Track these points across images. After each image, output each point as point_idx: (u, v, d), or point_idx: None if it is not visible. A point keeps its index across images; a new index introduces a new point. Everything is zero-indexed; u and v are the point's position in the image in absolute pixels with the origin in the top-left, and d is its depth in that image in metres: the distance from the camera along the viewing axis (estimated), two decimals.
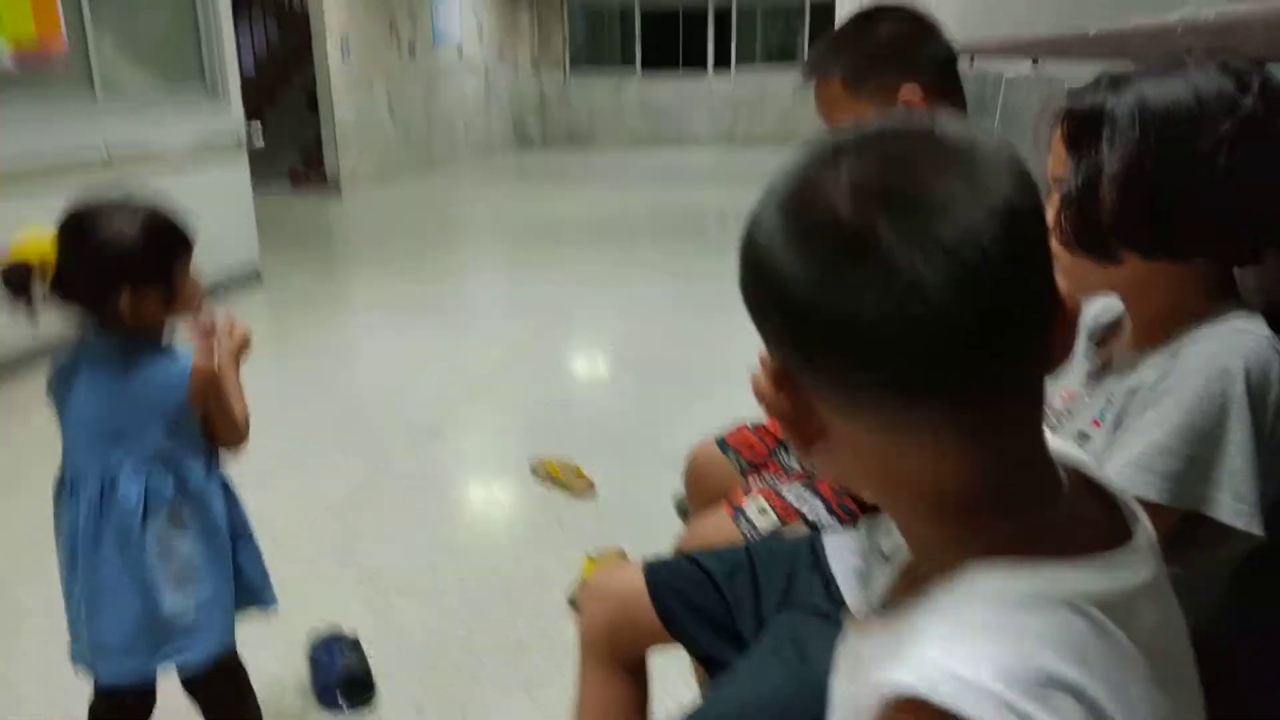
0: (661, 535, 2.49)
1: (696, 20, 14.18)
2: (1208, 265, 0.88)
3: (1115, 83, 0.87)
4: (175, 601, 1.39)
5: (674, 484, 2.79)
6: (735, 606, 1.20)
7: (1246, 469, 0.77)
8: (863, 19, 1.42)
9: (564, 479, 2.86)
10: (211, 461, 1.48)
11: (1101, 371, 0.97)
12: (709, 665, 1.21)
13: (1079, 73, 2.00)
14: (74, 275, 1.33)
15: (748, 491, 1.49)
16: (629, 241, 6.85)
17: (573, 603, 2.23)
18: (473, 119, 12.89)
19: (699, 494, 1.76)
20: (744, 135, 14.01)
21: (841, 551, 1.20)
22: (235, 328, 1.47)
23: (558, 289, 5.44)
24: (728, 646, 1.18)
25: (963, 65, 3.44)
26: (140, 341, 1.39)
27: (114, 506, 1.36)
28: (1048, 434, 0.60)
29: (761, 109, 14.01)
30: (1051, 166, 0.92)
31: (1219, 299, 0.88)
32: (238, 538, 1.51)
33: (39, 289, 1.32)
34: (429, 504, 2.81)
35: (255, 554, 1.55)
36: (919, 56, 1.40)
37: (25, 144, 4.05)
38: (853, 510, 1.39)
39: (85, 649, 1.43)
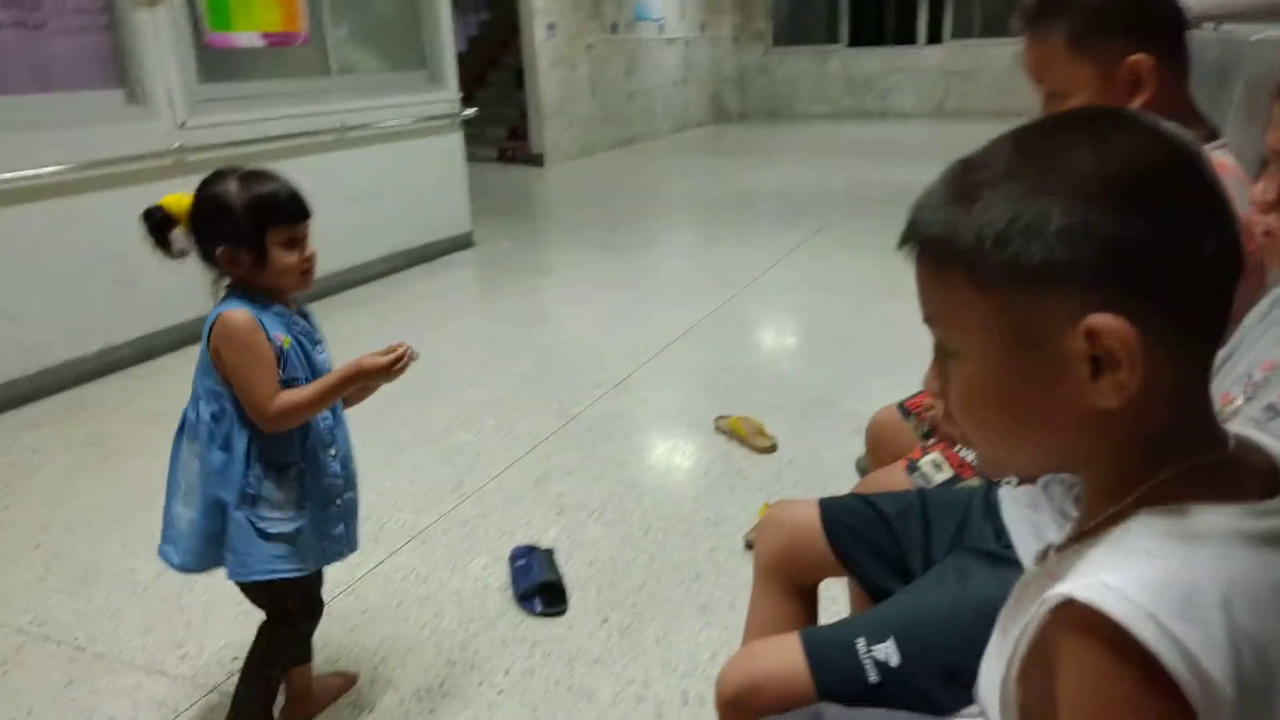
0: (841, 491, 2.58)
1: None
2: None
3: None
4: (177, 510, 1.57)
5: (856, 448, 2.84)
6: (906, 544, 1.25)
7: None
8: None
9: (747, 435, 2.96)
10: (239, 414, 1.53)
11: None
12: (878, 597, 1.26)
13: None
14: (192, 227, 1.51)
15: (926, 453, 1.54)
16: (823, 217, 6.80)
17: (749, 545, 2.34)
18: (671, 94, 13.08)
19: (879, 456, 1.80)
20: (954, 109, 13.45)
21: (1016, 504, 1.22)
22: (393, 364, 1.55)
23: (748, 258, 5.51)
24: (898, 580, 1.23)
25: (1206, 31, 3.24)
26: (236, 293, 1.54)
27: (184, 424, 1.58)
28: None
29: (976, 81, 13.38)
30: (1271, 139, 0.90)
31: None
32: (238, 505, 1.53)
33: (178, 237, 1.51)
34: (617, 448, 2.99)
35: (241, 527, 1.54)
36: (1152, 22, 1.30)
37: (274, 118, 4.54)
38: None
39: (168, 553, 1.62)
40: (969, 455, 1.45)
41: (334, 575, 2.26)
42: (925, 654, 1.08)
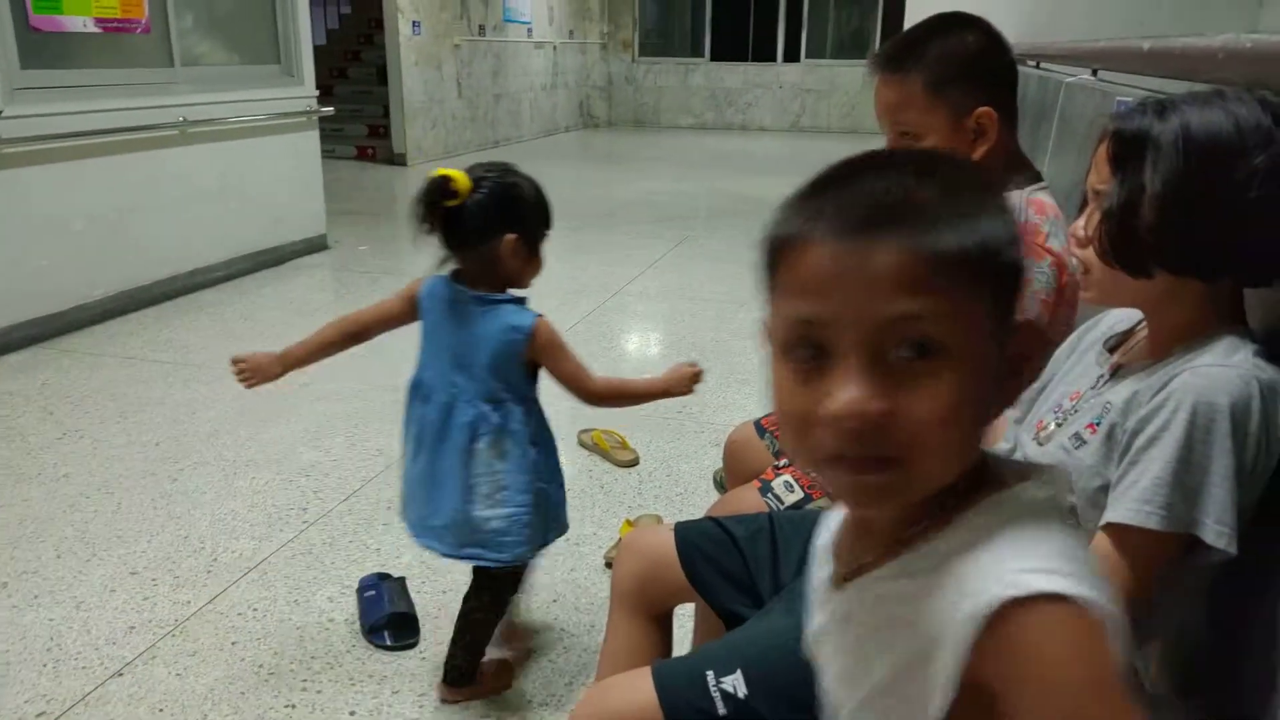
0: (699, 506, 2.59)
1: (768, 9, 14.07)
2: (1224, 286, 0.94)
3: (1160, 108, 0.92)
4: (484, 512, 1.66)
5: (713, 460, 2.87)
6: (755, 567, 1.27)
7: (1226, 497, 0.84)
8: (951, 23, 1.39)
9: (610, 449, 2.94)
10: (532, 409, 1.73)
11: (1109, 378, 1.02)
12: (728, 620, 1.28)
13: (1134, 86, 2.01)
14: (479, 208, 1.59)
15: (778, 474, 1.56)
16: (687, 226, 6.89)
17: (609, 563, 2.31)
18: (539, 99, 13.01)
19: (735, 473, 1.83)
20: (809, 126, 13.92)
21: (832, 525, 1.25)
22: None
23: (612, 269, 5.51)
24: (746, 603, 1.24)
25: (1028, 70, 3.45)
26: (491, 292, 1.69)
27: (454, 422, 1.66)
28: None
29: (829, 99, 13.89)
30: (1092, 180, 0.98)
31: (1227, 318, 0.94)
32: (549, 481, 1.75)
33: (439, 213, 1.60)
34: None
35: (561, 494, 1.81)
36: (996, 77, 1.39)
37: (106, 110, 4.23)
38: None
39: (411, 520, 1.80)
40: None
41: (159, 614, 2.10)
42: (770, 685, 1.08)
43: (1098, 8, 3.62)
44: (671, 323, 4.59)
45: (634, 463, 2.90)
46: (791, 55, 14.10)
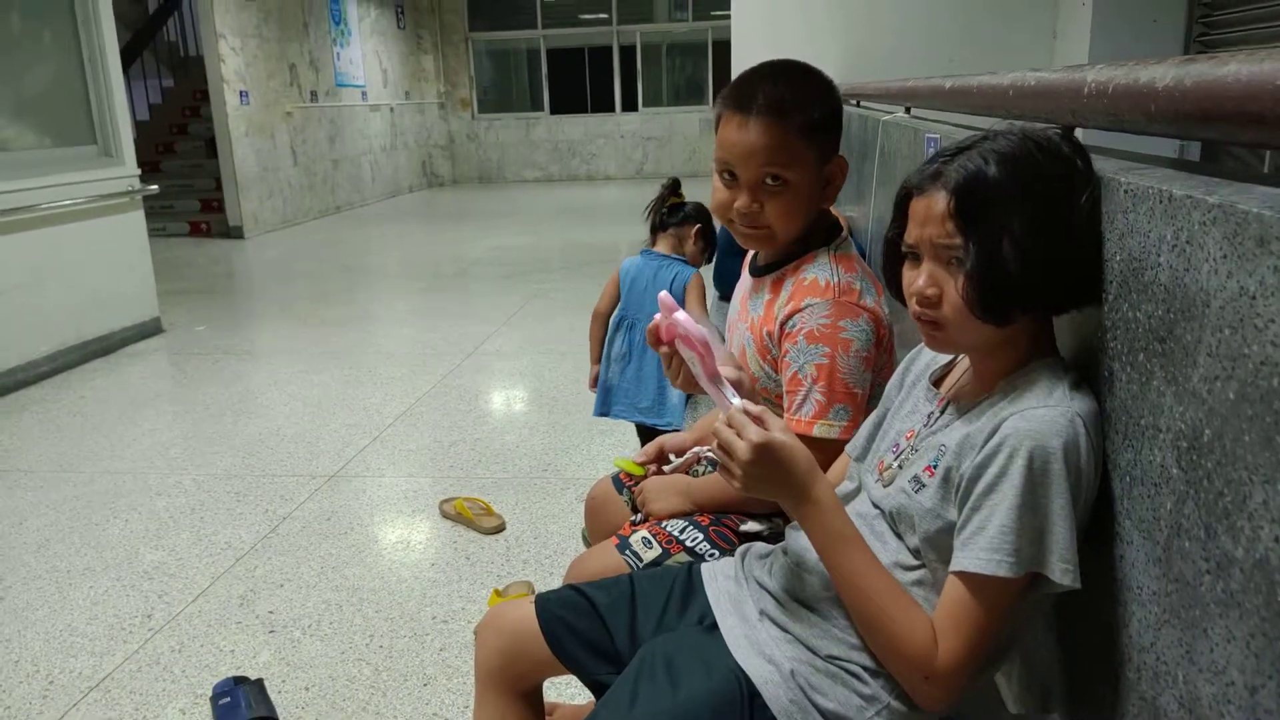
0: (568, 567, 2.55)
1: (603, 60, 14.37)
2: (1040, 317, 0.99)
3: (979, 159, 0.94)
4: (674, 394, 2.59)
5: (581, 517, 2.85)
6: (614, 631, 1.25)
7: (1067, 535, 0.88)
8: (812, 73, 1.42)
9: (473, 516, 2.87)
10: None
11: (940, 416, 1.06)
12: (596, 690, 1.26)
13: (944, 122, 2.15)
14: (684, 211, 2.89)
15: (636, 524, 1.56)
16: (540, 279, 6.89)
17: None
18: (379, 162, 12.84)
19: (596, 530, 1.82)
20: (653, 172, 14.22)
21: (717, 577, 1.26)
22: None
23: (467, 328, 5.45)
24: (610, 669, 1.22)
25: (850, 109, 3.64)
26: (673, 257, 2.83)
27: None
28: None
29: (669, 145, 14.26)
30: (930, 233, 0.96)
31: (1041, 348, 0.99)
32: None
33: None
34: (334, 549, 2.79)
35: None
36: (841, 130, 1.46)
37: None
38: (730, 538, 1.47)
39: (612, 403, 2.84)
40: (674, 529, 1.48)
41: None
42: None
43: (911, 48, 3.87)
44: (530, 378, 4.56)
45: (500, 529, 2.84)
46: (629, 105, 14.43)
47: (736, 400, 1.08)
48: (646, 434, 2.91)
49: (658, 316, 1.27)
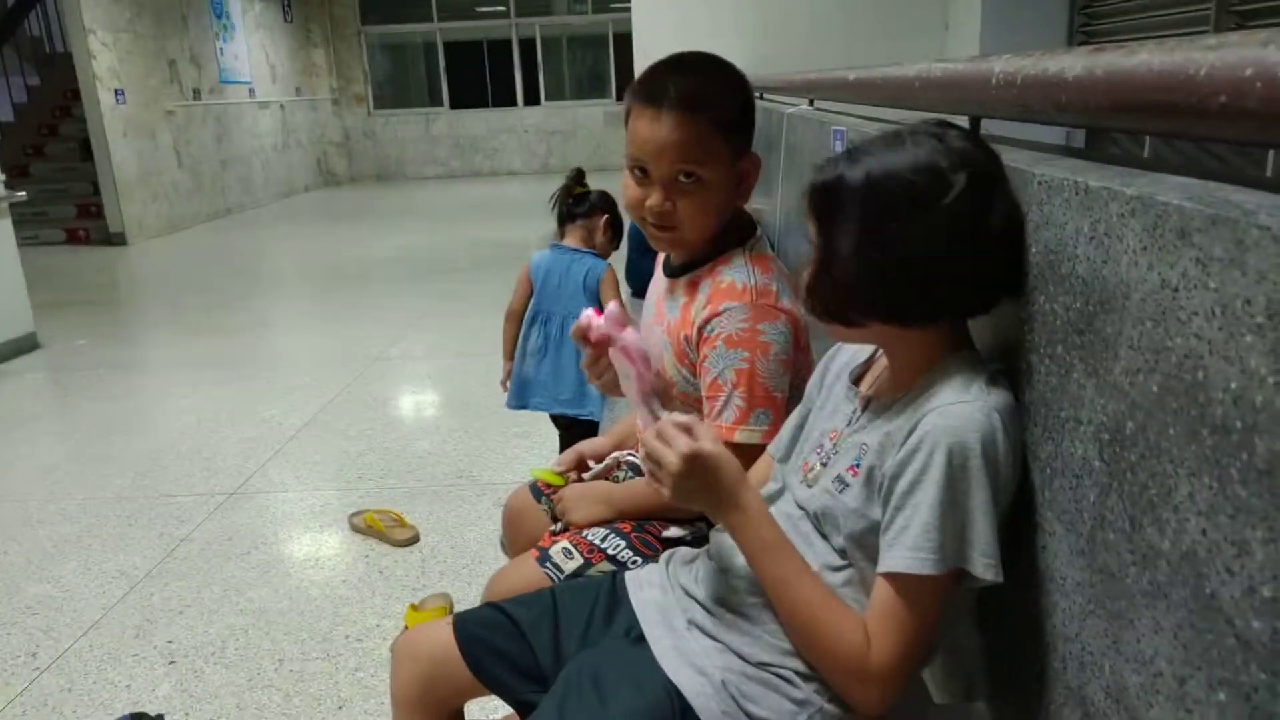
0: (487, 576, 2.49)
1: (502, 53, 14.18)
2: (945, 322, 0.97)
3: (851, 156, 0.94)
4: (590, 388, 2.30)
5: (498, 524, 2.78)
6: (538, 649, 1.21)
7: (989, 529, 0.88)
8: (725, 67, 1.39)
9: (384, 528, 2.78)
10: None
11: (861, 415, 1.04)
12: (521, 710, 1.21)
13: (848, 114, 2.16)
14: (588, 201, 2.84)
15: (556, 534, 1.51)
16: (446, 278, 6.75)
17: None
18: (271, 161, 12.42)
19: (515, 541, 1.76)
20: (558, 166, 14.10)
21: (642, 586, 1.23)
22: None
23: (372, 332, 5.30)
24: (535, 689, 1.18)
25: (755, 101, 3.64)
26: (583, 250, 2.79)
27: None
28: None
29: (574, 139, 14.16)
30: (810, 231, 0.99)
31: (956, 343, 0.97)
32: None
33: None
34: (237, 570, 2.66)
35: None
36: (753, 128, 1.43)
37: None
38: (653, 545, 1.43)
39: (529, 396, 2.79)
40: (595, 537, 1.44)
41: None
42: None
43: (813, 42, 3.91)
44: (440, 382, 4.46)
45: (414, 540, 2.76)
46: (532, 99, 14.27)
47: (664, 414, 1.06)
48: (565, 428, 2.88)
49: (587, 314, 1.23)
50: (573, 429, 2.79)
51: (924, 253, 0.89)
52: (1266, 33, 0.56)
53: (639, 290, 3.32)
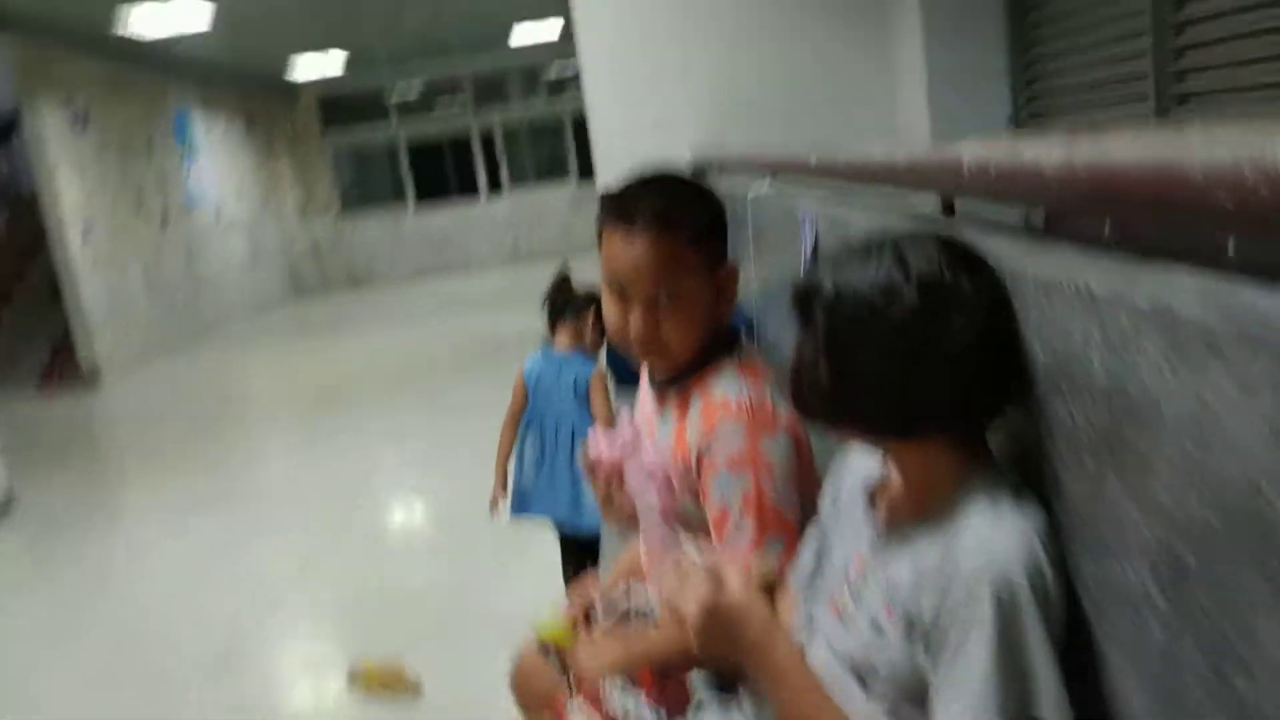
0: None
1: (463, 149, 14.36)
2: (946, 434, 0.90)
3: (831, 261, 0.92)
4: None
5: (505, 656, 2.63)
6: None
7: (1051, 672, 0.80)
8: (689, 180, 1.39)
9: (386, 683, 2.62)
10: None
11: (884, 539, 0.96)
12: None
13: (807, 192, 2.12)
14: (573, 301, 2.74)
15: (571, 692, 1.41)
16: (429, 384, 6.63)
17: None
18: (242, 278, 12.40)
19: (529, 703, 1.64)
20: (528, 252, 14.18)
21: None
22: None
23: (357, 456, 5.13)
24: None
25: (715, 179, 3.63)
26: (573, 354, 2.71)
27: (560, 438, 2.62)
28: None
29: (541, 224, 14.26)
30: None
31: (973, 457, 0.91)
32: None
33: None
34: None
35: None
36: (726, 233, 1.40)
37: None
38: (680, 695, 1.33)
39: (529, 504, 2.71)
40: (613, 701, 1.33)
41: None
42: None
43: (766, 122, 3.93)
44: (431, 497, 4.31)
45: (416, 692, 2.60)
46: (495, 186, 14.42)
47: (687, 546, 0.99)
48: (567, 543, 2.80)
49: (594, 444, 1.15)
50: (573, 539, 2.71)
51: (879, 368, 0.85)
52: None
53: (623, 378, 3.24)
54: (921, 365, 0.84)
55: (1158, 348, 0.61)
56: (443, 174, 14.56)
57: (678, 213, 1.29)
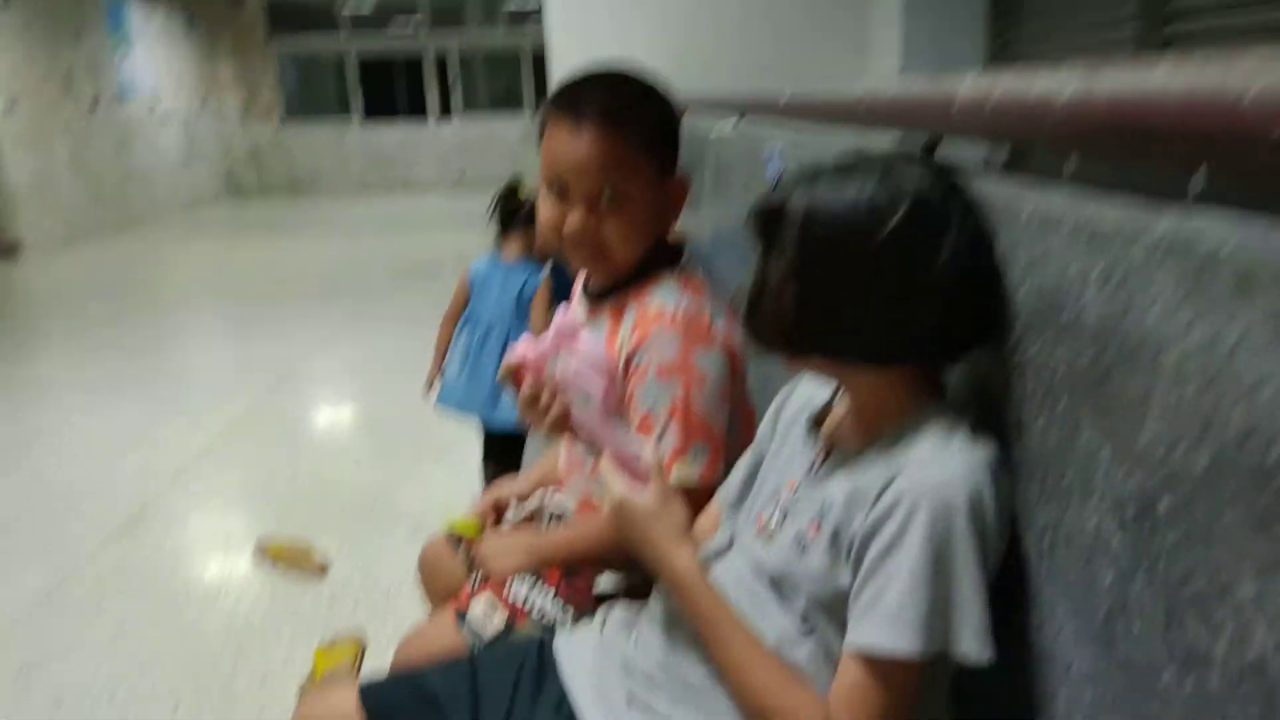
0: (403, 613, 2.34)
1: (415, 70, 13.92)
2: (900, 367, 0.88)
3: (803, 181, 0.86)
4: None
5: (415, 555, 2.64)
6: None
7: (979, 602, 0.78)
8: (646, 83, 1.30)
9: (292, 560, 2.61)
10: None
11: (823, 464, 0.94)
12: None
13: (777, 133, 2.10)
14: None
15: (475, 588, 1.37)
16: (360, 294, 6.52)
17: None
18: (175, 174, 11.92)
19: (434, 590, 1.61)
20: (474, 179, 13.87)
21: (574, 655, 1.11)
22: None
23: (282, 351, 5.05)
24: None
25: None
26: (522, 262, 2.68)
27: (491, 342, 2.64)
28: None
29: (490, 152, 13.94)
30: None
31: (927, 390, 0.89)
32: None
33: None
34: (130, 609, 2.45)
35: None
36: (679, 146, 1.34)
37: None
38: (585, 597, 1.30)
39: (452, 395, 2.70)
40: (520, 593, 1.32)
41: None
42: None
43: (733, 61, 3.88)
44: (353, 401, 4.27)
45: (323, 572, 2.59)
46: (446, 111, 14.05)
47: (630, 435, 1.00)
48: (491, 441, 2.82)
49: (522, 348, 1.10)
50: (497, 437, 2.75)
51: (857, 291, 0.82)
52: None
53: (564, 295, 3.22)
54: (903, 291, 0.81)
55: (1171, 285, 0.58)
56: (392, 93, 14.13)
57: (628, 111, 1.23)
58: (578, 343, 1.04)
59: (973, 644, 0.78)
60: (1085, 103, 0.68)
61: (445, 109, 14.06)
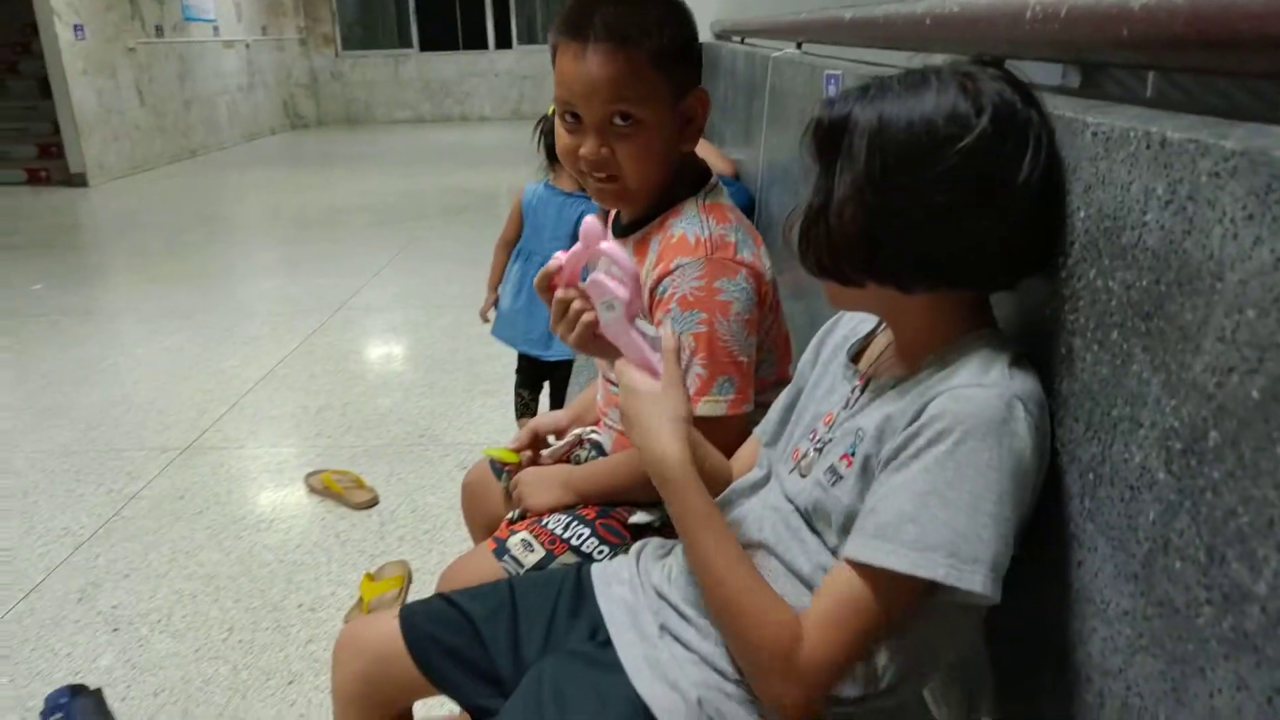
0: (450, 544, 2.38)
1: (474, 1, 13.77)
2: (958, 292, 0.83)
3: (866, 93, 0.80)
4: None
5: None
6: (494, 649, 1.08)
7: (993, 536, 0.74)
8: (657, 2, 1.22)
9: (343, 491, 2.65)
10: None
11: (860, 396, 0.91)
12: (476, 715, 1.09)
13: (840, 58, 2.01)
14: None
15: (514, 521, 1.38)
16: (414, 228, 6.55)
17: None
18: (237, 101, 12.02)
19: (475, 519, 1.64)
20: (530, 112, 13.78)
21: (610, 583, 1.10)
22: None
23: (336, 283, 5.11)
24: (491, 692, 1.06)
25: (735, 47, 3.48)
26: (577, 195, 2.53)
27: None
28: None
29: (547, 84, 13.73)
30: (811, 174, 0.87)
31: (975, 320, 0.85)
32: None
33: None
34: (187, 532, 2.53)
35: None
36: (700, 61, 1.27)
37: None
38: (621, 532, 1.30)
39: (506, 329, 2.71)
40: (557, 526, 1.31)
41: None
42: None
43: None
44: (404, 334, 4.30)
45: (372, 503, 2.63)
46: (503, 42, 13.89)
47: (652, 330, 0.96)
48: (532, 375, 2.82)
49: (560, 256, 1.06)
50: (536, 363, 2.74)
51: (932, 206, 0.76)
52: None
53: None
54: (979, 207, 0.75)
55: (1236, 199, 0.54)
56: (450, 20, 13.98)
57: (638, 27, 1.16)
58: (601, 248, 1.00)
59: (977, 579, 0.73)
60: (1166, 6, 0.61)
61: (503, 39, 13.89)
